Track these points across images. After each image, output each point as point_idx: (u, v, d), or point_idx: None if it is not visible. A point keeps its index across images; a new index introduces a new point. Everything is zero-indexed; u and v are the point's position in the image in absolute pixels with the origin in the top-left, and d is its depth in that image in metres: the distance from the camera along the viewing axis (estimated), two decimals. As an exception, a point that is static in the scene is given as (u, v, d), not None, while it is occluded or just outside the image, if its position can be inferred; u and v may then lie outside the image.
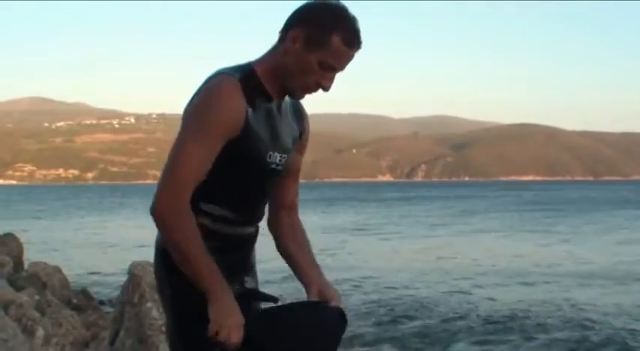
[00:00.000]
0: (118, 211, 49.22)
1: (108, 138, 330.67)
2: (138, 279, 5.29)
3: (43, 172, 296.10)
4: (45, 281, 8.71)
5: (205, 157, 2.01)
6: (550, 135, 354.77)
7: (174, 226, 2.00)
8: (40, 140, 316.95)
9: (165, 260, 2.12)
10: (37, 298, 7.00)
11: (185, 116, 2.06)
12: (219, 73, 2.08)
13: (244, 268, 2.22)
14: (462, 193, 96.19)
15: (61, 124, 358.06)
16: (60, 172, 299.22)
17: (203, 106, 2.02)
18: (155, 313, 5.06)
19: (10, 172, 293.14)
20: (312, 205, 51.02)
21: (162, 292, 2.19)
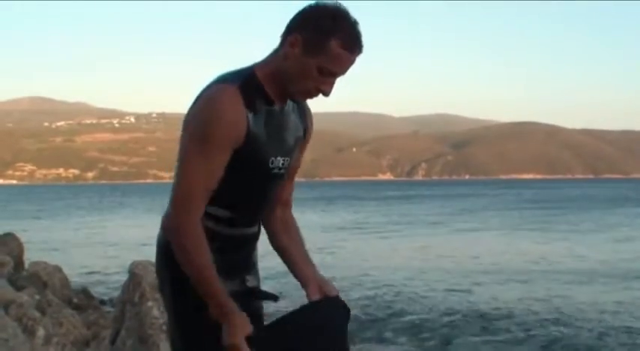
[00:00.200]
0: (118, 211, 49.24)
1: (108, 137, 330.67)
2: (138, 278, 5.29)
3: (43, 172, 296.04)
4: (45, 281, 8.71)
5: (211, 170, 2.01)
6: (550, 133, 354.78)
7: (185, 247, 2.03)
8: (41, 140, 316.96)
9: (167, 259, 2.13)
10: (37, 297, 7.00)
11: (186, 126, 2.05)
12: (219, 80, 2.06)
13: (246, 267, 2.22)
14: (462, 191, 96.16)
15: (62, 123, 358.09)
16: (60, 171, 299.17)
17: (204, 120, 2.00)
18: (156, 313, 5.06)
19: (11, 172, 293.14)
20: (312, 203, 51.03)
21: (163, 291, 2.20)
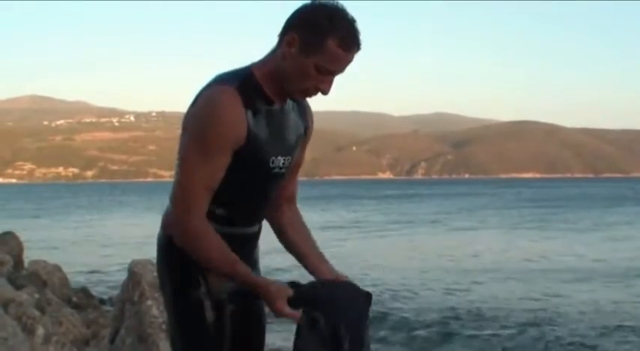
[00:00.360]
0: (117, 210, 49.25)
1: (108, 136, 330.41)
2: (138, 277, 5.29)
3: (42, 171, 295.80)
4: (45, 280, 8.71)
5: (211, 170, 2.01)
6: (550, 132, 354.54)
7: (193, 246, 2.04)
8: (40, 138, 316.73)
9: (167, 258, 2.14)
10: (37, 296, 7.00)
11: (185, 126, 2.05)
12: (217, 81, 2.06)
13: (247, 265, 2.22)
14: (461, 190, 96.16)
15: (61, 122, 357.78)
16: (60, 170, 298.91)
17: (204, 121, 2.00)
18: (155, 311, 5.06)
19: (10, 171, 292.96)
20: (311, 202, 51.00)
21: (163, 290, 2.21)
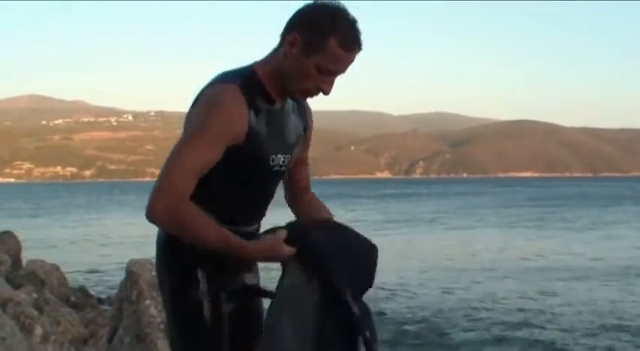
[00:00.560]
0: (115, 209, 49.23)
1: (106, 136, 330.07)
2: (136, 276, 5.29)
3: (41, 170, 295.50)
4: (43, 279, 8.70)
5: (204, 160, 2.01)
6: (549, 131, 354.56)
7: (187, 229, 2.00)
8: (38, 138, 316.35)
9: (166, 258, 2.14)
10: (35, 296, 6.99)
11: (186, 121, 2.07)
12: (219, 79, 2.07)
13: (246, 265, 2.23)
14: (460, 189, 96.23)
15: (59, 121, 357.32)
16: (58, 169, 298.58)
17: (203, 114, 2.01)
18: (153, 311, 5.06)
19: (8, 170, 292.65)
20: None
21: (162, 290, 2.21)
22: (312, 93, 2.09)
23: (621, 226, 28.81)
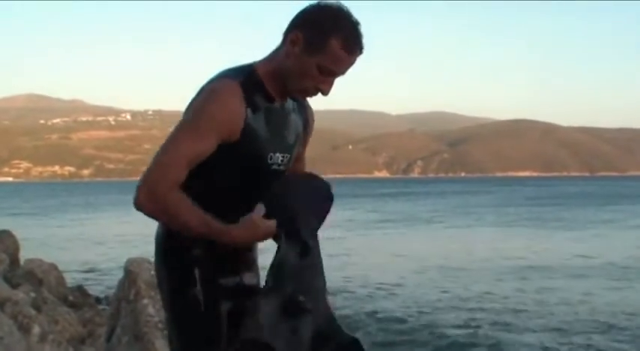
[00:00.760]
0: (114, 208, 49.15)
1: (104, 135, 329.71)
2: (134, 276, 5.29)
3: (39, 169, 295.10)
4: (41, 278, 8.70)
5: (196, 150, 2.02)
6: (547, 131, 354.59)
7: (172, 215, 2.01)
8: (36, 137, 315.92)
9: (165, 256, 2.15)
10: (33, 295, 6.99)
11: (184, 112, 2.09)
12: (220, 76, 2.08)
13: (245, 264, 2.24)
14: (458, 189, 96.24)
15: (57, 121, 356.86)
16: (56, 169, 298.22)
17: (199, 106, 2.03)
18: (151, 310, 5.06)
19: (7, 169, 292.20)
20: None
21: (161, 288, 2.21)
22: (311, 93, 2.10)
23: (618, 225, 28.84)
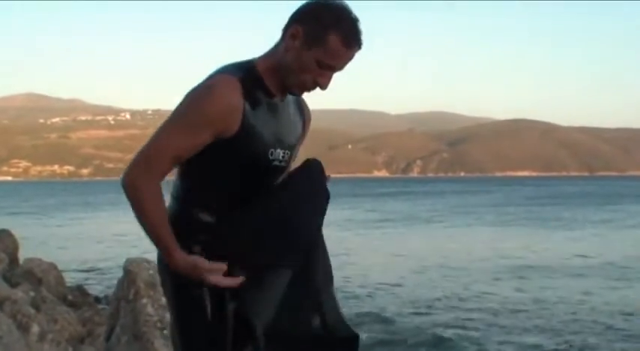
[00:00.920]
0: (113, 208, 49.13)
1: (103, 134, 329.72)
2: (133, 275, 5.29)
3: (38, 168, 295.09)
4: (40, 277, 8.69)
5: (186, 144, 2.02)
6: (546, 131, 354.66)
7: (140, 204, 2.04)
8: (35, 136, 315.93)
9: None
10: (32, 294, 6.99)
11: (179, 103, 2.09)
12: (220, 71, 2.08)
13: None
14: (457, 188, 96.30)
15: (56, 120, 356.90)
16: (55, 168, 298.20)
17: (196, 98, 2.03)
18: (150, 310, 5.06)
19: (6, 168, 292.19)
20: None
21: (164, 287, 2.22)
22: (310, 87, 2.11)
23: (617, 225, 28.86)
